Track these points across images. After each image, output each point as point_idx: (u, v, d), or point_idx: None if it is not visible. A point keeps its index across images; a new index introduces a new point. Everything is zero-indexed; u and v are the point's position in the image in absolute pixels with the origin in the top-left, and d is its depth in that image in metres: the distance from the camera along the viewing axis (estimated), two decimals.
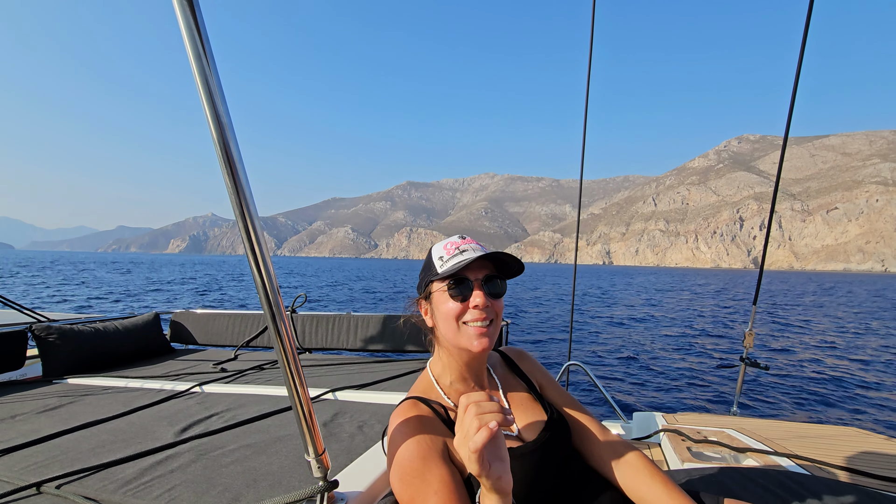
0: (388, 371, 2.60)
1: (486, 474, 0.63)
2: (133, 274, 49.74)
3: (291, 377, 0.83)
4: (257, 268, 0.76)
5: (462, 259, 0.93)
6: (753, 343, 2.65)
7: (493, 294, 0.95)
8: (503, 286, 0.99)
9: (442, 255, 0.98)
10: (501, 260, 0.97)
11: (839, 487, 1.18)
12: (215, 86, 0.66)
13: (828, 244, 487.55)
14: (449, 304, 0.94)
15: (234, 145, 0.70)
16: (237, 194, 0.72)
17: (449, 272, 0.94)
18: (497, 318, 0.96)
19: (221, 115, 0.67)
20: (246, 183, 0.73)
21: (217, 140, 0.68)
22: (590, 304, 25.55)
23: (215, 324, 3.60)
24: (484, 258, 0.95)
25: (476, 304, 0.92)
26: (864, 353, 11.66)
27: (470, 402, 0.67)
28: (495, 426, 0.62)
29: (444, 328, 0.97)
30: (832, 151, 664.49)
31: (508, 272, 1.01)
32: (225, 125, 0.68)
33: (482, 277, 0.95)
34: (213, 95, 0.66)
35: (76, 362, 2.61)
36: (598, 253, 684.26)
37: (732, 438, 1.80)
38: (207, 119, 0.67)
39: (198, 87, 0.65)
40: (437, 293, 0.97)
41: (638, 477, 0.94)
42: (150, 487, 1.20)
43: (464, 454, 0.65)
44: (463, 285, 0.94)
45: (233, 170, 0.70)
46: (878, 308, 26.55)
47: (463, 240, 1.00)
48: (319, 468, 0.92)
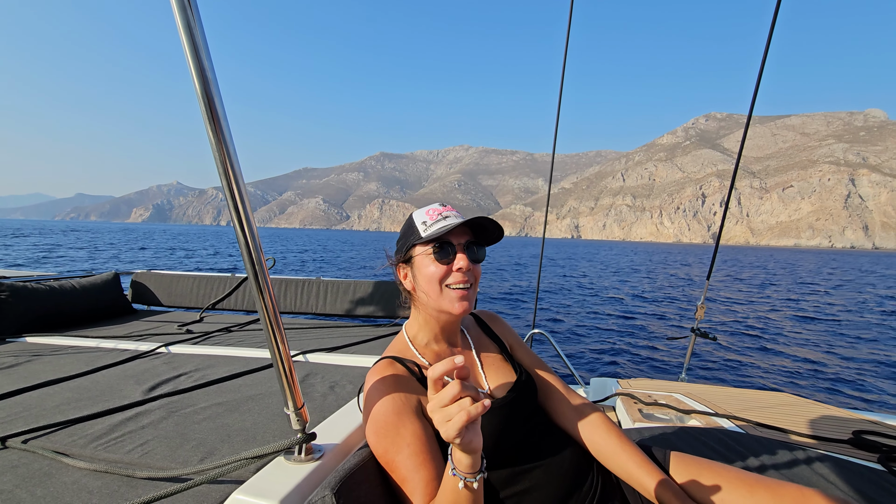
0: (358, 335, 2.61)
1: (458, 441, 0.66)
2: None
3: (272, 331, 0.85)
4: (240, 226, 0.76)
5: (446, 224, 0.96)
6: (704, 315, 2.79)
7: (474, 259, 0.99)
8: (483, 252, 1.03)
9: (425, 220, 1.00)
10: (481, 226, 1.00)
11: (770, 444, 1.32)
12: (200, 39, 0.65)
13: (782, 221, 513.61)
14: (432, 268, 0.97)
15: (218, 100, 0.68)
16: (222, 153, 0.70)
17: (433, 236, 0.96)
18: (476, 282, 1.00)
19: (206, 69, 0.66)
20: (230, 141, 0.71)
21: (201, 93, 0.66)
22: (554, 277, 26.11)
23: (179, 285, 3.53)
24: (465, 225, 0.98)
25: (460, 266, 0.96)
26: (800, 327, 12.48)
27: (441, 380, 0.68)
28: (474, 415, 0.64)
29: (426, 291, 0.99)
30: (792, 131, 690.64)
31: (487, 239, 1.05)
32: (210, 80, 0.67)
33: (464, 242, 0.98)
34: (197, 47, 0.65)
35: (30, 321, 2.50)
36: (568, 227, 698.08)
37: (679, 402, 1.93)
38: (191, 71, 0.65)
39: (182, 40, 0.64)
40: (420, 257, 0.99)
41: (596, 432, 1.03)
42: (122, 442, 1.18)
43: (436, 419, 0.67)
44: (447, 249, 0.96)
45: (217, 126, 0.68)
46: (821, 282, 28.23)
47: (444, 206, 1.03)
48: (299, 421, 0.95)
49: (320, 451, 1.00)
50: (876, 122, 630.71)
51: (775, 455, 1.26)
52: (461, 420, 0.64)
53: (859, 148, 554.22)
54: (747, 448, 1.31)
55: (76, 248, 35.02)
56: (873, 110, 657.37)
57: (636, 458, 0.97)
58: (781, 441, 1.38)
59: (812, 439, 1.55)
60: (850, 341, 10.50)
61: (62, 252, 30.25)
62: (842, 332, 11.69)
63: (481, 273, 1.02)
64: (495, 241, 1.05)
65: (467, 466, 0.71)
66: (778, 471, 1.19)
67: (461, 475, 0.71)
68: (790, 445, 1.32)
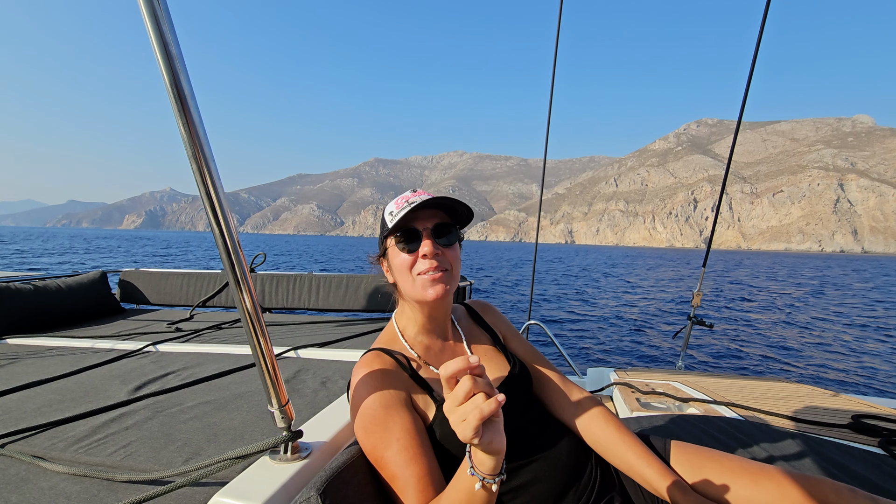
0: (351, 330, 2.57)
1: (476, 441, 0.62)
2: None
3: (252, 327, 0.81)
4: (216, 220, 0.72)
5: (408, 209, 0.92)
6: (700, 302, 2.76)
7: (444, 243, 0.95)
8: (455, 235, 0.98)
9: (392, 211, 0.96)
10: (452, 208, 0.97)
11: (769, 430, 1.32)
12: (169, 35, 0.61)
13: (772, 225, 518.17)
14: (400, 257, 0.95)
15: (185, 79, 0.63)
16: (190, 136, 0.65)
17: (397, 225, 0.93)
18: (452, 267, 0.96)
19: (170, 43, 0.61)
20: (199, 123, 0.66)
21: (165, 71, 0.61)
22: (551, 276, 26.06)
23: (168, 283, 3.45)
24: (434, 207, 0.95)
25: (424, 253, 0.92)
26: (796, 318, 12.52)
27: (461, 377, 0.63)
28: (487, 412, 0.59)
29: (400, 282, 0.97)
30: (782, 137, 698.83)
31: (460, 219, 1.01)
32: (174, 55, 0.62)
33: (431, 227, 0.94)
34: (167, 45, 0.61)
35: (14, 322, 2.44)
36: (561, 232, 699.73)
37: (677, 390, 1.92)
38: (160, 66, 0.61)
39: (150, 35, 0.60)
40: (391, 248, 0.97)
41: (594, 422, 1.00)
42: (104, 444, 1.14)
43: (452, 421, 0.63)
44: (411, 236, 0.93)
45: (184, 105, 0.63)
46: (818, 284, 28.43)
47: (414, 192, 0.98)
48: (283, 418, 0.92)
49: (307, 450, 0.97)
50: (863, 127, 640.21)
51: (776, 442, 1.25)
52: (476, 419, 0.60)
53: (847, 153, 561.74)
54: (748, 435, 1.29)
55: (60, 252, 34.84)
56: (861, 116, 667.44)
57: (636, 448, 0.94)
58: (781, 427, 1.38)
59: (812, 425, 1.54)
60: (846, 327, 10.53)
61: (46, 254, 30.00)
62: (837, 318, 11.72)
63: (459, 256, 0.98)
64: (466, 221, 1.01)
65: (489, 468, 0.66)
66: (780, 458, 1.18)
67: (480, 475, 0.67)
68: (790, 432, 1.32)
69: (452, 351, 1.05)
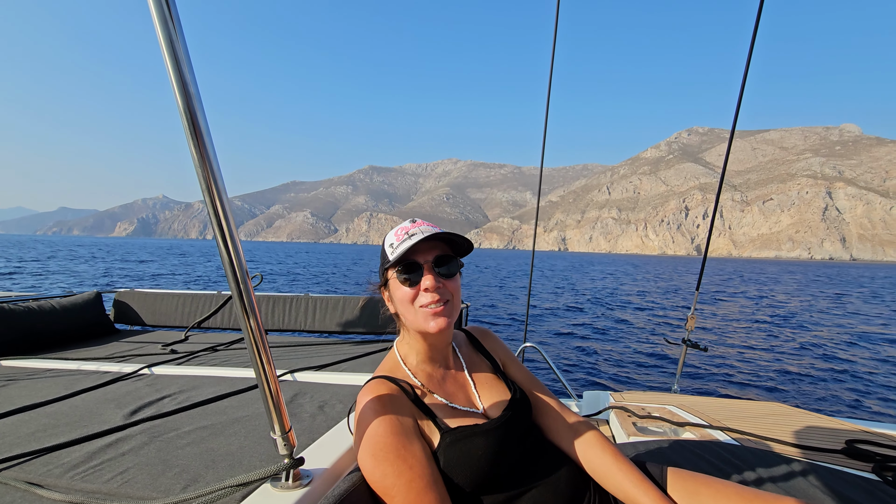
0: (348, 353, 2.55)
1: None
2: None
3: (258, 352, 0.82)
4: (224, 243, 0.74)
5: (409, 243, 0.93)
6: (695, 326, 2.79)
7: (444, 274, 0.96)
8: (456, 265, 0.99)
9: (392, 243, 0.97)
10: (452, 239, 0.98)
11: (765, 456, 1.32)
12: (181, 50, 0.63)
13: (763, 233, 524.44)
14: (402, 290, 0.96)
15: (201, 114, 0.66)
16: (205, 168, 0.68)
17: (398, 258, 0.94)
18: (453, 297, 0.97)
19: (188, 82, 0.64)
20: (214, 156, 0.69)
21: (183, 108, 0.64)
22: (544, 291, 26.24)
23: (163, 304, 3.41)
24: (435, 238, 0.96)
25: (426, 286, 0.93)
26: (789, 337, 12.71)
27: None
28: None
29: (403, 313, 0.98)
30: (772, 145, 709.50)
31: (460, 250, 1.02)
32: (192, 94, 0.65)
33: (432, 259, 0.96)
34: (178, 60, 0.63)
35: (7, 343, 2.41)
36: (554, 239, 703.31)
37: (673, 414, 1.92)
38: (172, 85, 0.63)
39: (162, 51, 0.62)
40: (392, 280, 0.98)
41: (591, 450, 1.01)
42: (101, 471, 1.12)
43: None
44: (413, 270, 0.94)
45: (199, 140, 0.66)
46: (811, 296, 28.79)
47: (413, 223, 0.99)
48: (286, 445, 0.91)
49: (308, 477, 0.96)
50: (851, 136, 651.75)
51: (771, 467, 1.25)
52: None
53: (835, 162, 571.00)
54: (743, 461, 1.30)
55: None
56: (848, 125, 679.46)
57: (633, 476, 0.95)
58: (776, 453, 1.38)
59: (806, 450, 1.55)
60: (840, 350, 10.61)
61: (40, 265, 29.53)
62: (830, 342, 11.97)
63: (459, 287, 1.00)
64: (466, 252, 1.02)
65: None
66: (774, 483, 1.18)
67: None
68: (785, 457, 1.32)
69: (454, 379, 1.07)
